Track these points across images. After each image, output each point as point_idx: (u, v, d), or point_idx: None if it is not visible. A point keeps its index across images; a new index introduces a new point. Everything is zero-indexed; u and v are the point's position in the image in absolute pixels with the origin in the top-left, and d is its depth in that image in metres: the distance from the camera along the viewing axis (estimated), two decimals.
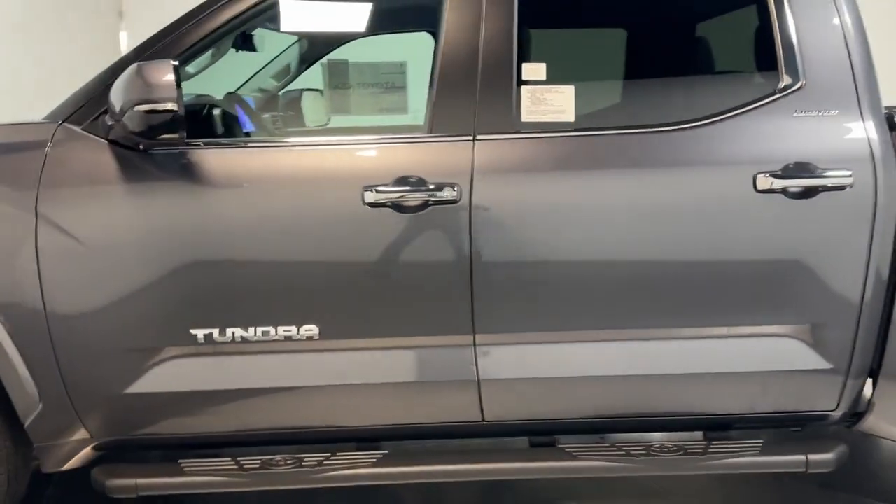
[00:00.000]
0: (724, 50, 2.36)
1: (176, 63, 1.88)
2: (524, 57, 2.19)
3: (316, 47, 3.27)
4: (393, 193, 2.07)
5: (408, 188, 2.08)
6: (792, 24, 2.21)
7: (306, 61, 3.34)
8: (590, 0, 2.48)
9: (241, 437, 2.24)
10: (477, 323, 2.15)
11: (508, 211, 2.11)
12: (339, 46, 3.13)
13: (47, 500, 2.66)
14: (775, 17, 2.23)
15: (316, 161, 2.16)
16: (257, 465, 2.23)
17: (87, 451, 2.22)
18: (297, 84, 3.36)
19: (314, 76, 3.48)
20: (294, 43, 3.21)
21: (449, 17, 2.17)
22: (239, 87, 3.11)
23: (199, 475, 2.20)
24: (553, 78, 2.17)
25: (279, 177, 2.13)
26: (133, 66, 1.90)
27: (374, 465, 2.22)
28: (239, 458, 2.26)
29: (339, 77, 3.45)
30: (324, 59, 3.44)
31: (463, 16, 2.18)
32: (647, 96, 2.42)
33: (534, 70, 2.17)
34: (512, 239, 2.12)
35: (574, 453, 2.26)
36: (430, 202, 2.09)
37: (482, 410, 2.22)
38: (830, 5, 2.22)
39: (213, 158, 2.10)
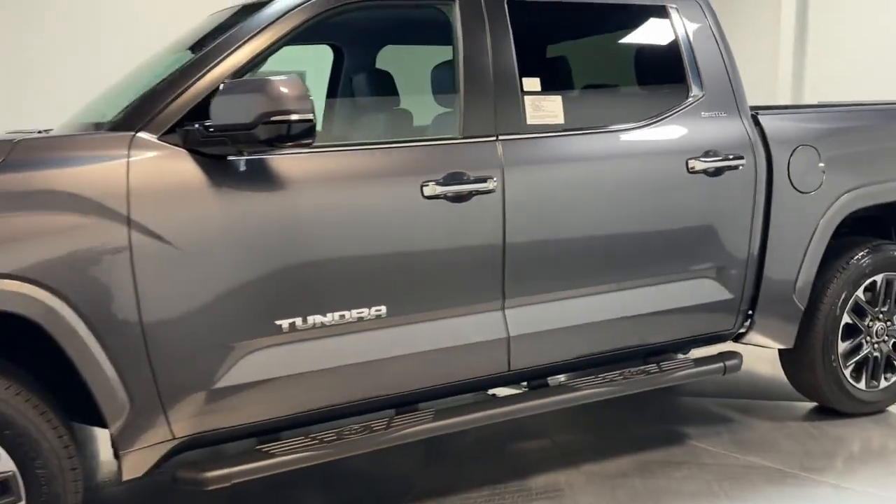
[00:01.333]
0: (655, 69, 3.11)
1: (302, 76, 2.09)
2: (523, 72, 2.71)
3: None
4: (446, 187, 2.48)
5: (456, 182, 2.49)
6: (692, 51, 3.03)
7: None
8: (559, 32, 3.08)
9: (319, 413, 2.46)
10: (506, 290, 2.64)
11: (528, 197, 2.62)
12: None
13: None
14: (682, 46, 3.03)
15: (381, 161, 2.46)
16: (333, 437, 2.48)
17: (162, 454, 2.28)
18: None
19: None
20: None
21: (464, 42, 2.61)
22: None
23: (284, 455, 2.38)
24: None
25: (349, 177, 2.40)
26: (260, 81, 2.06)
27: (431, 420, 2.60)
28: (313, 434, 2.49)
29: None
30: None
31: (473, 39, 2.64)
32: (608, 104, 3.08)
33: (531, 83, 2.71)
34: (531, 220, 2.64)
35: (574, 386, 2.86)
36: (474, 193, 2.52)
37: (509, 362, 2.71)
38: (711, 37, 3.08)
39: (291, 163, 2.31)
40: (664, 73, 3.04)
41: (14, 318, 2.03)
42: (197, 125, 2.16)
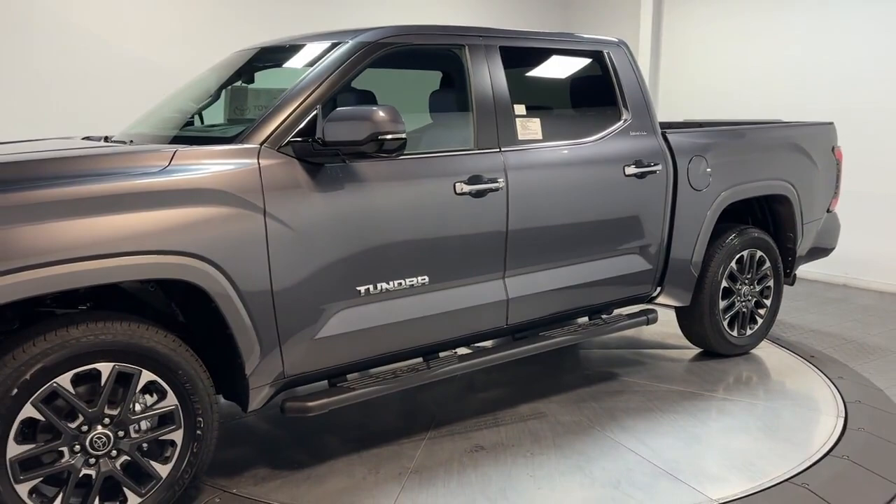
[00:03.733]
0: (600, 98, 4.11)
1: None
2: (513, 99, 3.61)
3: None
4: (470, 186, 3.34)
5: (477, 182, 3.36)
6: (621, 84, 4.08)
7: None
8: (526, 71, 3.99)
9: (381, 357, 3.23)
10: (507, 263, 3.55)
11: (523, 194, 3.54)
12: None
13: None
14: (614, 79, 4.07)
15: (426, 167, 3.27)
16: (391, 376, 3.27)
17: (276, 390, 2.96)
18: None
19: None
20: None
21: (473, 79, 3.48)
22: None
23: (361, 388, 3.14)
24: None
25: (405, 178, 3.19)
26: (368, 110, 2.80)
27: (460, 360, 3.46)
28: (372, 373, 3.27)
29: (239, 100, 4.27)
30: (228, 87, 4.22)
31: (480, 74, 3.51)
32: (569, 124, 4.04)
33: (519, 108, 3.63)
34: (523, 210, 3.55)
35: (549, 335, 3.82)
36: (488, 191, 3.41)
37: (507, 318, 3.62)
38: (633, 73, 4.15)
39: (368, 168, 3.07)
40: (605, 101, 4.06)
41: (179, 286, 2.67)
42: (309, 140, 2.88)
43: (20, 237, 2.31)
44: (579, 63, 4.12)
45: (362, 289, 3.08)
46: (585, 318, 4.16)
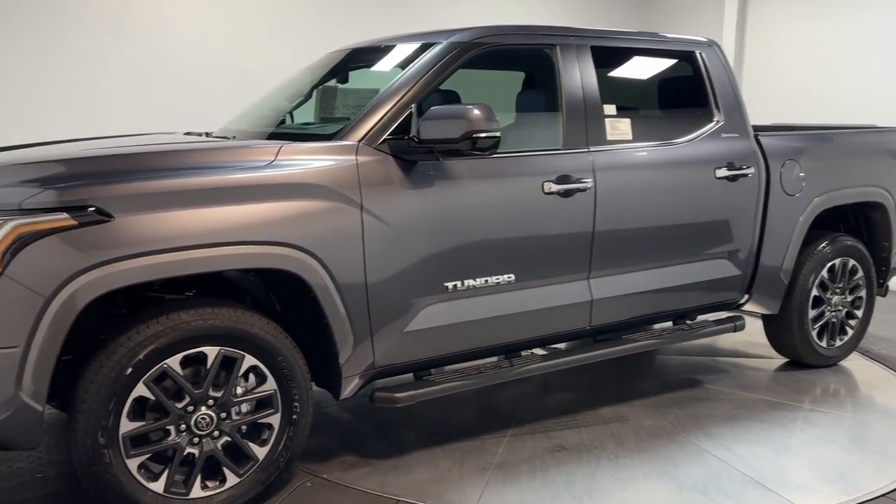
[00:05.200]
0: (691, 99, 4.05)
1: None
2: (603, 99, 3.60)
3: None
4: (559, 185, 3.35)
5: (565, 182, 3.37)
6: (713, 86, 4.01)
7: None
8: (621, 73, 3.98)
9: (467, 353, 3.27)
10: (592, 264, 3.54)
11: (611, 194, 3.52)
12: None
13: None
14: (706, 80, 4.01)
15: (515, 166, 3.30)
16: (476, 371, 3.31)
17: (366, 380, 3.04)
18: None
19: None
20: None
21: (563, 79, 3.49)
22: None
23: (446, 382, 3.19)
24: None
25: (495, 177, 3.23)
26: (464, 108, 2.85)
27: (542, 359, 3.47)
28: (455, 368, 3.31)
29: (329, 100, 4.37)
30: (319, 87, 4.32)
31: (570, 74, 3.52)
32: (659, 125, 4.01)
33: (609, 108, 3.62)
34: (611, 211, 3.53)
35: (632, 339, 3.79)
36: (576, 191, 3.41)
37: (590, 319, 3.61)
38: (725, 75, 4.07)
39: (459, 166, 3.11)
40: (697, 102, 4.00)
41: (277, 276, 2.77)
42: (404, 137, 2.95)
43: (137, 225, 2.45)
44: (670, 63, 4.08)
45: (450, 285, 3.13)
46: (669, 323, 4.11)
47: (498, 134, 2.90)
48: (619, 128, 3.62)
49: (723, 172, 3.89)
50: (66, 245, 2.36)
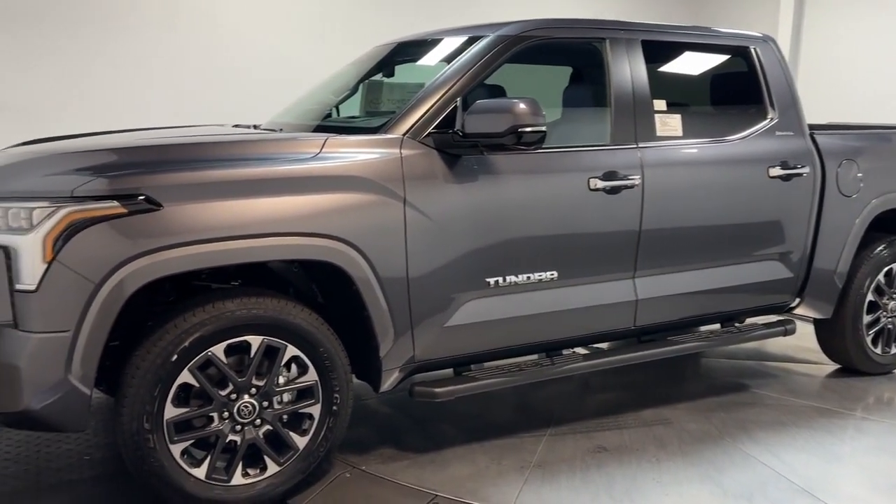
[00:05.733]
0: (743, 96, 3.95)
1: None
2: (653, 94, 3.52)
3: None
4: (605, 182, 3.29)
5: (612, 179, 3.30)
6: (768, 82, 3.89)
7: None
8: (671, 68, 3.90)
9: (510, 349, 3.25)
10: (638, 263, 3.47)
11: (659, 191, 3.45)
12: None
13: None
14: (761, 78, 3.89)
15: (560, 161, 3.25)
16: (517, 368, 3.28)
17: (406, 373, 3.03)
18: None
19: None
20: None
21: (612, 74, 3.42)
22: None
23: (486, 379, 3.17)
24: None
25: (540, 172, 3.19)
26: (509, 102, 2.83)
27: (585, 359, 3.42)
28: (495, 365, 3.29)
29: (374, 93, 4.36)
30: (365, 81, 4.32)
31: (620, 68, 3.45)
32: (710, 122, 3.92)
33: (659, 104, 3.54)
34: (659, 209, 3.45)
35: (677, 340, 3.71)
36: (623, 187, 3.34)
37: (635, 319, 3.54)
38: (781, 71, 3.95)
39: (503, 161, 3.08)
40: (750, 99, 3.89)
41: (320, 268, 2.78)
42: (450, 131, 2.93)
43: (185, 214, 2.48)
44: (724, 59, 3.97)
45: (492, 280, 3.10)
46: (717, 326, 4.01)
47: (544, 128, 2.87)
48: (668, 124, 3.55)
49: (776, 171, 3.77)
50: (116, 232, 2.40)
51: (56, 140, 3.20)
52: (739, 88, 3.93)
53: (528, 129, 2.84)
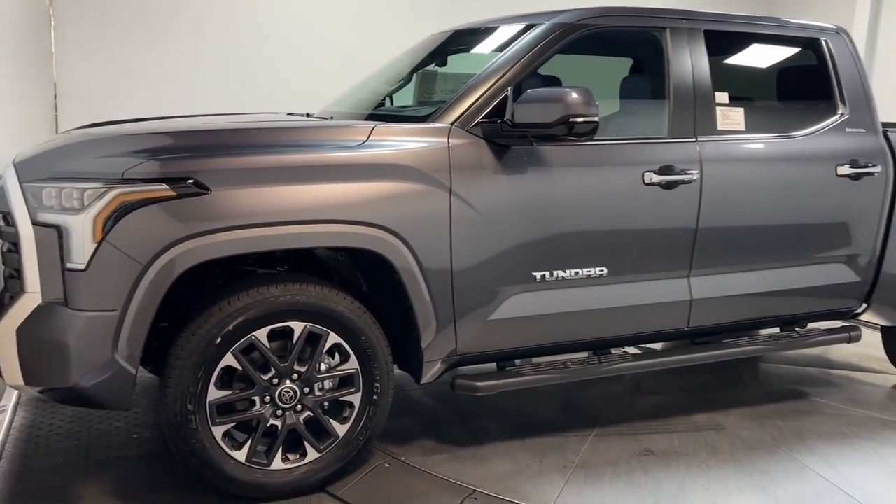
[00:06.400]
0: (812, 90, 3.76)
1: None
2: (714, 86, 3.38)
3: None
4: (661, 176, 3.17)
5: (668, 173, 3.18)
6: (839, 76, 3.69)
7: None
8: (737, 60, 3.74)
9: (555, 345, 3.17)
10: (693, 262, 3.34)
11: (718, 188, 3.31)
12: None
13: None
14: (832, 72, 3.69)
15: (614, 154, 3.15)
16: (562, 365, 3.20)
17: (447, 366, 2.98)
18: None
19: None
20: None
21: (672, 64, 3.30)
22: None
23: (530, 375, 3.10)
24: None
25: (592, 165, 3.10)
26: (561, 91, 2.75)
27: (634, 359, 3.32)
28: (540, 361, 3.22)
29: (428, 83, 4.30)
30: (419, 71, 4.26)
31: (680, 58, 3.32)
32: (775, 116, 3.75)
33: (721, 96, 3.39)
34: (718, 206, 3.31)
35: (733, 343, 3.56)
36: (679, 182, 3.22)
37: (689, 320, 3.41)
38: (854, 65, 3.74)
39: (553, 153, 3.00)
40: (819, 93, 3.70)
41: (366, 256, 2.77)
42: (499, 121, 2.87)
43: (232, 199, 2.49)
44: (791, 51, 3.79)
45: (538, 275, 3.03)
46: (776, 330, 3.84)
47: (596, 119, 2.77)
48: (730, 117, 3.40)
49: (845, 170, 3.58)
50: (164, 215, 2.43)
51: (114, 124, 3.27)
52: (808, 82, 3.75)
53: (580, 120, 2.76)
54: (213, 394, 2.62)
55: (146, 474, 2.92)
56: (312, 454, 2.79)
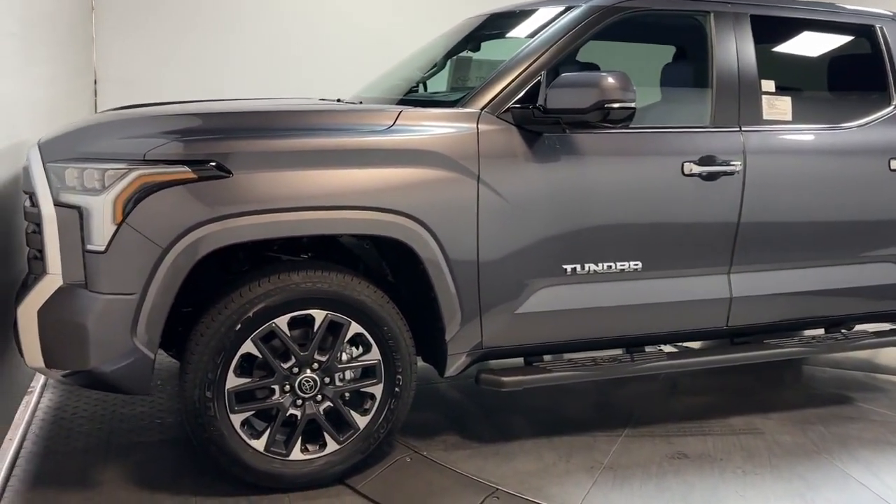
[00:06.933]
0: (864, 79, 3.57)
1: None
2: (760, 74, 3.22)
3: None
4: (701, 167, 3.02)
5: (709, 164, 3.04)
6: (894, 63, 3.48)
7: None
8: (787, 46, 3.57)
9: (585, 341, 3.06)
10: (734, 257, 3.18)
11: (762, 180, 3.14)
12: None
13: None
14: (886, 59, 3.48)
15: (651, 143, 3.02)
16: (592, 362, 3.08)
17: (472, 359, 2.89)
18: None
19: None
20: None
21: (716, 50, 3.14)
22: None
23: (559, 371, 3.00)
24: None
25: (628, 154, 2.97)
26: (596, 76, 2.63)
27: (666, 359, 3.18)
28: (570, 357, 3.10)
29: (462, 70, 4.18)
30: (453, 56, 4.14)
31: (725, 44, 3.16)
32: (825, 107, 3.57)
33: (767, 84, 3.23)
34: (761, 200, 3.16)
35: (775, 344, 3.39)
36: (721, 174, 3.07)
37: (728, 318, 3.25)
38: None
39: (587, 140, 2.88)
40: (872, 83, 3.50)
41: (391, 245, 2.69)
42: (531, 107, 2.76)
43: (254, 183, 2.44)
44: (843, 38, 3.60)
45: (569, 268, 2.92)
46: (821, 331, 3.66)
47: (633, 105, 2.65)
48: (777, 107, 3.23)
49: None
50: (185, 198, 2.39)
51: (144, 107, 3.24)
52: (860, 71, 3.56)
53: (616, 106, 2.63)
54: (232, 381, 2.57)
55: (166, 460, 2.90)
56: (332, 446, 2.73)
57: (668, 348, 3.41)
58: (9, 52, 2.95)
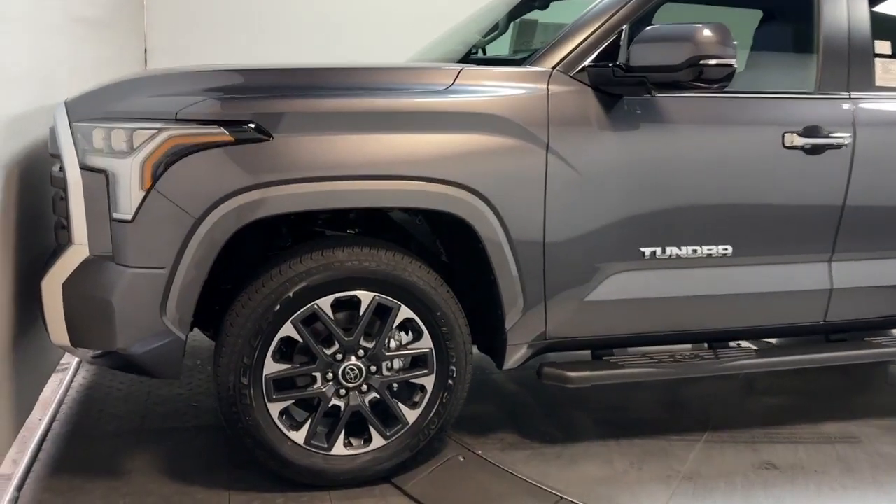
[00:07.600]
0: None
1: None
2: (874, 35, 2.79)
3: None
4: (805, 139, 2.63)
5: (814, 135, 2.64)
6: None
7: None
8: None
9: (662, 335, 2.72)
10: (837, 244, 2.78)
11: (875, 156, 2.73)
12: None
13: None
14: None
15: (748, 110, 2.64)
16: (670, 358, 2.74)
17: (534, 351, 2.59)
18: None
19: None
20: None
21: (823, 6, 2.73)
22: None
23: (631, 368, 2.66)
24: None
25: (721, 122, 2.60)
26: (691, 28, 2.27)
27: (757, 355, 2.81)
28: (644, 352, 2.77)
29: (526, 34, 3.82)
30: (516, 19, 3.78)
31: (834, 4, 2.75)
32: None
33: (882, 46, 2.80)
34: (872, 178, 2.75)
35: (879, 343, 2.98)
36: (827, 147, 2.67)
37: (826, 312, 2.86)
38: None
39: (674, 105, 2.52)
40: None
41: (446, 221, 2.40)
42: (610, 65, 2.41)
43: (296, 148, 2.18)
44: None
45: (647, 251, 2.58)
46: None
47: (733, 62, 2.27)
48: (893, 71, 2.80)
49: None
50: (220, 163, 2.15)
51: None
52: None
53: (713, 63, 2.27)
54: (270, 367, 2.33)
55: (200, 448, 2.70)
56: (378, 441, 2.47)
57: (745, 344, 3.02)
58: (57, 18, 2.78)
